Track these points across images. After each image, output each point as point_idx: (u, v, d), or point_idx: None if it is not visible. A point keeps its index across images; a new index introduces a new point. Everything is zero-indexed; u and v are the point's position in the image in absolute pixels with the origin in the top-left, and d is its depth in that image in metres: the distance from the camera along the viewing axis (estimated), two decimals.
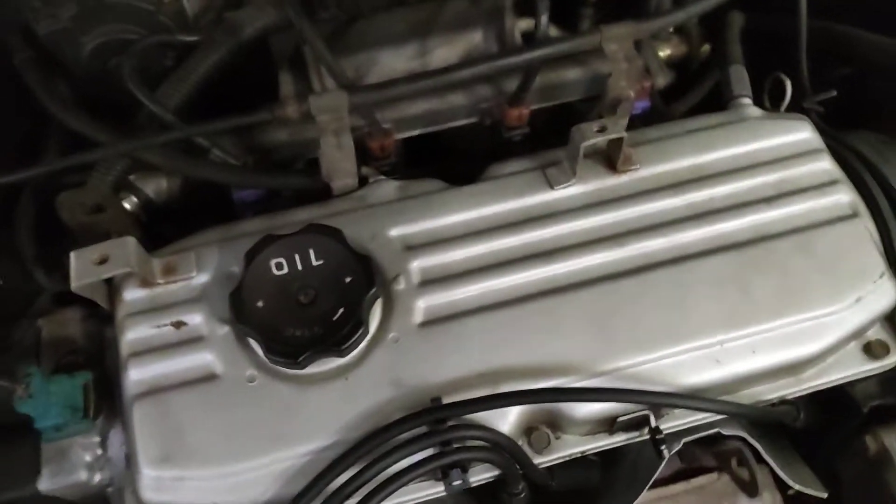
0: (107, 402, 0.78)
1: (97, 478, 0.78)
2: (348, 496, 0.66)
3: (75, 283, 0.70)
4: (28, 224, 0.86)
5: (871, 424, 0.83)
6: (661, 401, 0.72)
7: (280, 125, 0.93)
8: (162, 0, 0.91)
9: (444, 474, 0.70)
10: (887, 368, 0.81)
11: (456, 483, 0.69)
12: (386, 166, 0.92)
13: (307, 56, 0.94)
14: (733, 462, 0.80)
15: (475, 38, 1.01)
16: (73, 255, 0.71)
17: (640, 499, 0.77)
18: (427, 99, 0.95)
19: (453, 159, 1.03)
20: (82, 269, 0.70)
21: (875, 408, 0.81)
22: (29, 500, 0.78)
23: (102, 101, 0.94)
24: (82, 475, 0.77)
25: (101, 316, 0.81)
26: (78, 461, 0.77)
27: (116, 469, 0.78)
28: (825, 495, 0.81)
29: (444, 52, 1.00)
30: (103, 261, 0.70)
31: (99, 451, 0.78)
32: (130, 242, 0.72)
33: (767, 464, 0.81)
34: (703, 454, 0.86)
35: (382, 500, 0.66)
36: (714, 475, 0.84)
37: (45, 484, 0.76)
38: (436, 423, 0.69)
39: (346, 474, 0.67)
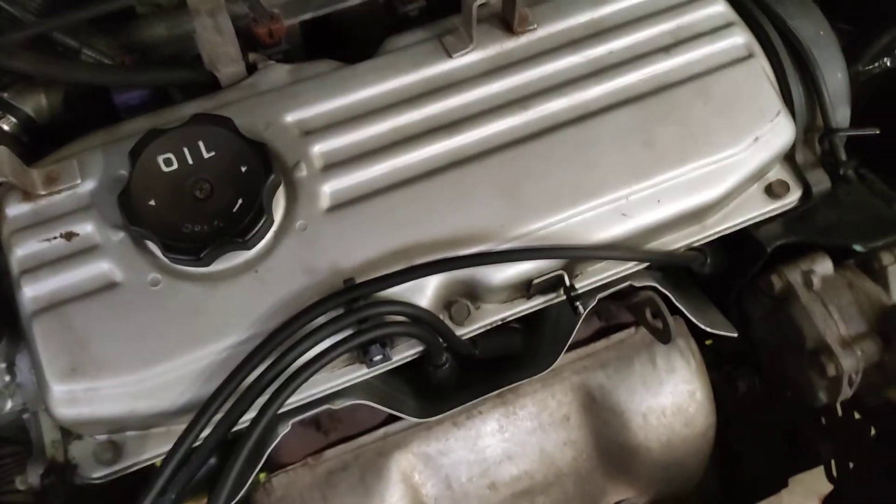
0: (7, 327, 0.74)
1: (8, 405, 0.75)
2: (266, 386, 0.65)
3: None
4: None
5: (775, 263, 0.86)
6: (574, 254, 0.73)
7: (157, 19, 0.87)
8: None
9: (364, 352, 0.70)
10: (789, 207, 0.84)
11: (377, 359, 0.69)
12: (278, 55, 0.86)
13: None
14: (647, 313, 0.82)
15: None
16: None
17: (562, 359, 0.79)
18: None
19: (351, 45, 0.98)
20: None
21: (779, 247, 0.84)
22: None
23: None
24: None
25: None
26: None
27: (28, 394, 0.75)
28: (735, 335, 0.85)
29: None
30: None
31: (7, 378, 0.75)
32: (2, 152, 0.67)
33: (681, 313, 0.84)
34: (620, 311, 0.88)
35: (299, 386, 0.65)
36: (632, 330, 0.87)
37: None
38: (351, 304, 0.68)
39: (263, 365, 0.66)
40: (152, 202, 0.68)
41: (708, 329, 0.83)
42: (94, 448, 0.71)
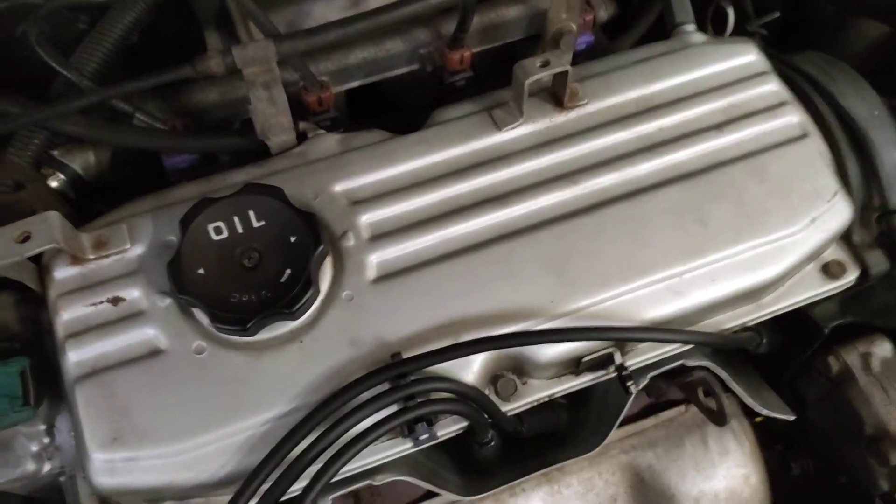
0: (49, 387, 0.73)
1: (46, 468, 0.74)
2: (311, 461, 0.64)
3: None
4: None
5: (832, 344, 0.83)
6: (625, 335, 0.71)
7: (209, 84, 0.88)
8: None
9: (409, 430, 0.68)
10: (845, 288, 0.81)
11: (423, 437, 0.67)
12: (326, 122, 0.87)
13: (232, 11, 0.89)
14: (700, 392, 0.79)
15: None
16: None
17: (615, 438, 0.77)
18: (364, 47, 0.90)
19: (397, 111, 0.99)
20: (3, 248, 0.65)
21: (835, 328, 0.82)
22: None
23: (13, 79, 0.87)
24: (29, 466, 0.73)
25: (35, 299, 0.76)
26: (23, 452, 0.73)
27: (67, 456, 0.74)
28: (793, 418, 0.81)
29: None
30: (25, 238, 0.65)
31: (46, 440, 0.74)
32: (53, 217, 0.67)
33: (734, 392, 0.82)
34: (670, 387, 0.85)
35: (347, 461, 0.63)
36: (682, 408, 0.84)
37: None
38: (398, 379, 0.66)
39: (309, 439, 0.64)
40: (201, 271, 0.67)
41: (764, 412, 0.80)
42: None
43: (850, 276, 0.80)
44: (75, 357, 0.68)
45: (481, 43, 0.93)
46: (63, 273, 0.71)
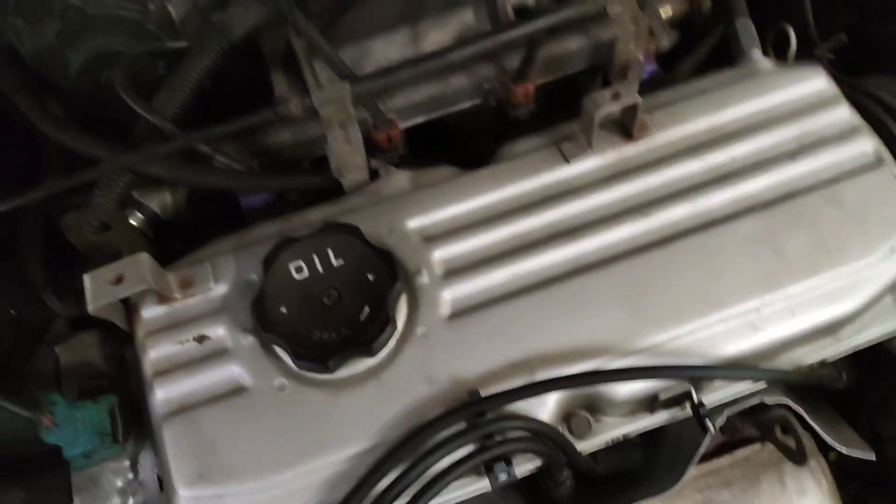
0: (134, 424, 0.76)
1: (130, 502, 0.77)
2: (392, 500, 0.64)
3: (92, 306, 0.68)
4: (35, 250, 0.84)
5: None
6: (701, 374, 0.70)
7: (283, 125, 0.90)
8: (147, 7, 0.88)
9: (488, 469, 0.68)
10: None
11: (501, 476, 0.67)
12: (394, 158, 0.89)
13: (298, 53, 0.91)
14: (777, 430, 0.78)
15: (467, 18, 0.98)
16: (86, 277, 0.69)
17: (690, 477, 0.75)
18: (429, 84, 0.92)
19: (461, 145, 1.00)
20: (98, 290, 0.68)
21: None
22: None
23: (97, 121, 0.92)
24: (115, 501, 0.76)
25: (120, 337, 0.79)
26: (110, 487, 0.76)
27: (150, 492, 0.77)
28: (873, 457, 0.79)
29: (438, 35, 0.97)
30: (119, 280, 0.69)
31: (130, 476, 0.77)
32: (144, 259, 0.70)
33: (810, 429, 0.80)
34: (744, 425, 0.84)
35: (428, 500, 0.64)
36: (757, 446, 0.83)
37: None
38: (475, 417, 0.67)
39: (389, 477, 0.65)
40: (283, 309, 0.69)
41: (843, 450, 0.78)
42: None
43: None
44: (163, 395, 0.71)
45: (543, 75, 0.93)
46: (150, 312, 0.74)
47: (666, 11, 0.97)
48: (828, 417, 0.82)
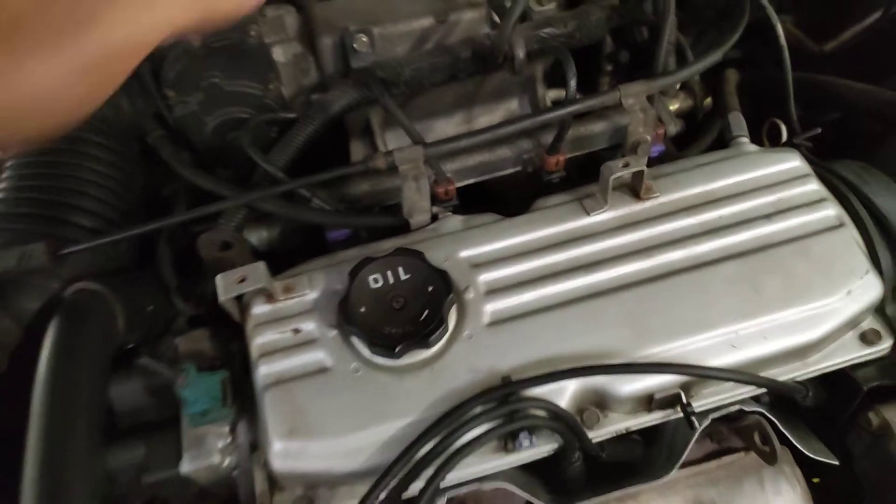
0: (235, 399, 0.96)
1: (227, 461, 0.95)
2: (433, 459, 0.83)
3: (222, 297, 0.90)
4: (168, 261, 1.08)
5: (873, 403, 0.97)
6: (694, 372, 0.87)
7: (363, 178, 1.15)
8: (267, 87, 1.15)
9: (513, 438, 0.86)
10: (881, 353, 0.96)
11: (524, 443, 0.85)
12: (450, 208, 1.12)
13: (375, 127, 1.17)
14: (756, 438, 0.94)
15: (512, 106, 1.24)
16: (219, 277, 0.91)
17: (678, 474, 0.92)
18: (480, 153, 1.16)
19: (504, 204, 1.23)
20: (227, 286, 0.90)
21: (875, 388, 0.96)
22: (174, 481, 0.95)
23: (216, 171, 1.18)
24: (216, 458, 0.94)
25: (226, 335, 1.01)
26: (212, 447, 0.94)
27: (243, 454, 0.95)
28: (836, 462, 0.94)
29: (486, 118, 1.23)
30: (242, 280, 0.91)
31: (229, 439, 0.96)
32: (261, 265, 0.92)
33: (789, 444, 0.96)
34: (732, 437, 1.00)
35: (462, 458, 0.82)
36: (742, 454, 0.98)
37: (185, 466, 0.93)
38: (506, 397, 0.86)
39: (432, 442, 0.84)
40: (363, 309, 0.90)
41: (810, 454, 0.93)
42: (294, 499, 0.89)
43: (885, 344, 0.95)
44: (265, 370, 0.91)
45: (572, 150, 1.16)
46: (259, 310, 0.96)
47: (674, 105, 1.21)
48: (801, 432, 0.98)
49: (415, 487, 0.85)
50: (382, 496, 0.83)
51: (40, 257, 0.92)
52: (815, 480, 1.09)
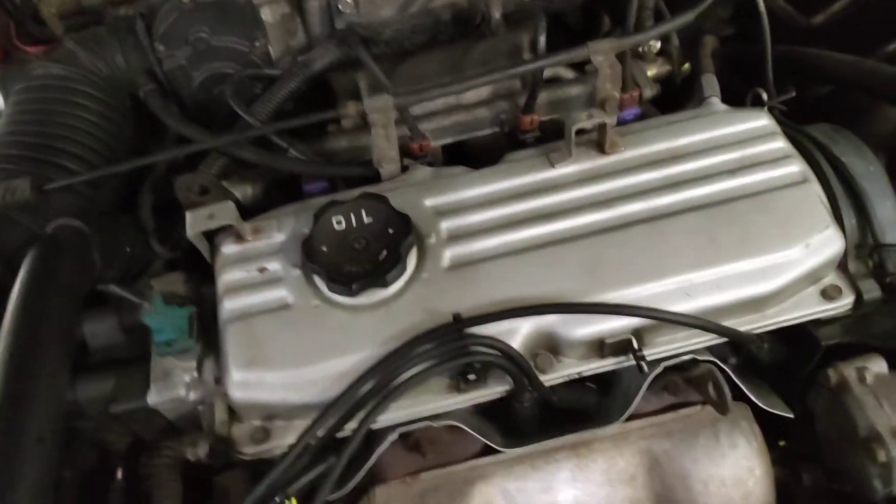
0: (203, 337, 0.99)
1: (192, 395, 0.97)
2: (384, 387, 0.85)
3: (190, 231, 0.94)
4: (148, 207, 1.12)
5: (833, 360, 0.97)
6: (646, 314, 0.88)
7: (341, 135, 1.18)
8: (254, 44, 1.19)
9: (464, 377, 0.88)
10: (842, 309, 0.96)
11: (471, 377, 0.87)
12: (424, 164, 1.14)
13: (361, 89, 1.20)
14: (710, 389, 0.94)
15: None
16: (189, 213, 0.95)
17: (632, 425, 0.94)
18: (458, 113, 1.19)
19: (479, 164, 1.25)
20: (195, 221, 0.94)
21: (835, 346, 0.96)
22: (141, 412, 0.99)
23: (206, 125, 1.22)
24: (181, 391, 0.96)
25: (199, 280, 1.05)
26: (179, 381, 0.97)
27: (208, 390, 0.98)
28: (791, 415, 0.95)
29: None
30: (211, 216, 0.94)
31: (195, 374, 0.98)
32: (230, 205, 0.96)
33: (749, 402, 0.96)
34: (689, 391, 1.00)
35: (403, 394, 0.85)
36: (699, 407, 0.99)
37: (152, 398, 0.96)
38: (457, 336, 0.88)
39: (378, 377, 0.86)
40: (324, 248, 0.93)
41: (764, 406, 0.93)
42: (251, 430, 0.92)
43: (846, 300, 0.95)
44: (229, 305, 0.94)
45: (549, 113, 1.18)
46: (228, 249, 0.99)
47: (652, 69, 1.22)
48: (759, 388, 0.98)
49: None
50: (328, 426, 0.85)
51: (24, 192, 0.96)
52: (781, 444, 1.09)
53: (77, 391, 0.98)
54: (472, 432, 0.92)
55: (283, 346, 0.91)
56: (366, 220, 0.95)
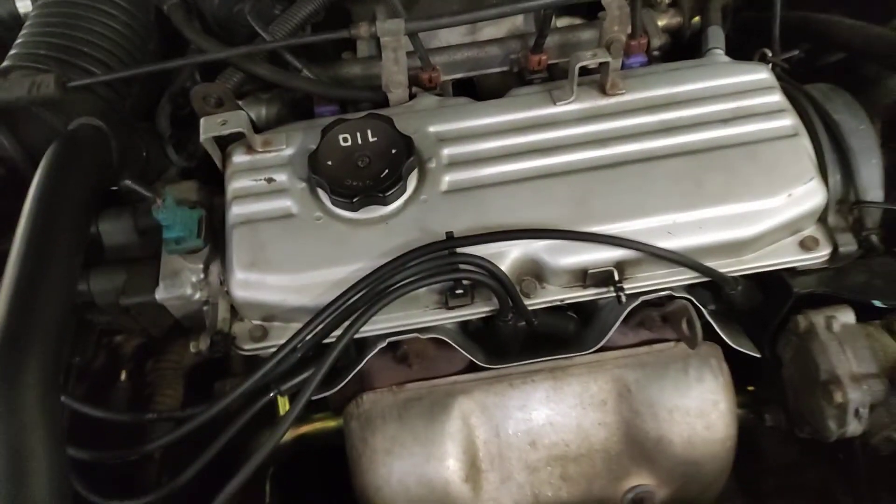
0: (211, 241, 1.05)
1: (198, 295, 1.04)
2: (373, 297, 0.91)
3: (203, 136, 0.98)
4: (166, 116, 1.17)
5: (804, 309, 1.01)
6: (629, 245, 0.92)
7: (354, 62, 1.22)
8: None
9: (452, 294, 0.94)
10: (819, 261, 1.00)
11: (458, 292, 0.92)
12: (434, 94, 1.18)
13: (378, 15, 1.23)
14: (684, 325, 0.99)
15: (517, 20, 1.28)
16: (203, 119, 1.00)
17: (607, 354, 1.00)
18: (470, 49, 1.22)
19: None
20: (208, 127, 0.99)
21: (808, 295, 1.00)
22: (149, 306, 1.05)
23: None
24: (188, 290, 1.03)
25: (211, 190, 1.10)
26: (186, 280, 1.03)
27: (213, 290, 1.04)
28: (758, 355, 1.00)
29: (491, 30, 1.28)
30: (224, 123, 0.99)
31: (202, 276, 1.05)
32: (242, 114, 1.00)
33: (722, 343, 1.02)
34: (665, 329, 1.05)
35: (395, 298, 0.90)
36: (672, 343, 1.04)
37: (160, 293, 1.03)
38: (448, 252, 0.93)
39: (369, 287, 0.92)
40: (329, 163, 0.98)
41: (733, 345, 0.99)
42: (250, 328, 0.99)
43: (823, 251, 0.99)
44: (237, 210, 1.00)
45: (559, 56, 1.21)
46: (238, 158, 1.04)
47: (662, 20, 1.24)
48: (731, 328, 1.04)
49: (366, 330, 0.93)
50: (319, 329, 0.91)
51: (49, 86, 1.01)
52: (750, 388, 1.15)
53: (90, 282, 1.05)
54: (456, 347, 0.98)
55: (285, 252, 0.96)
56: (371, 138, 1.00)
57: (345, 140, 1.00)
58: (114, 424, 0.98)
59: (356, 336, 0.93)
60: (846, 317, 1.00)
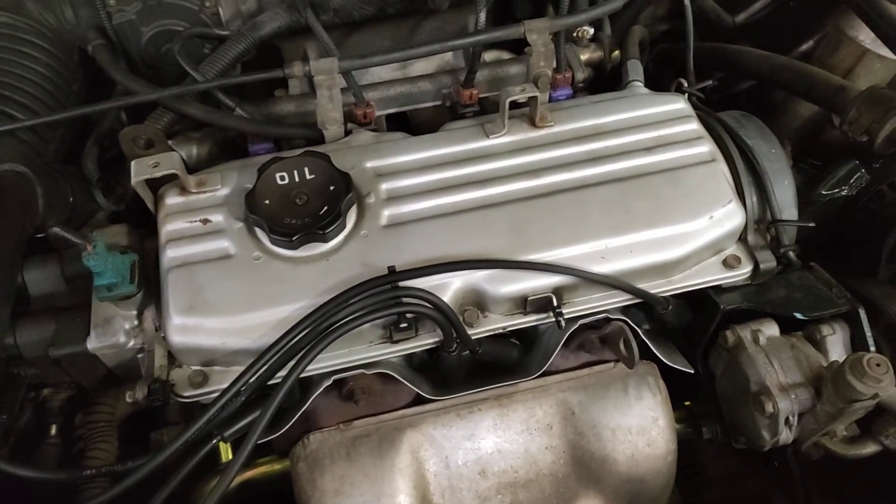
0: (144, 286, 1.02)
1: (132, 342, 1.01)
2: (318, 335, 0.90)
3: (134, 179, 0.96)
4: (93, 159, 1.14)
5: (731, 324, 1.07)
6: (566, 271, 0.95)
7: (288, 100, 1.22)
8: (204, 4, 1.22)
9: (396, 328, 0.94)
10: (741, 278, 1.06)
11: (402, 326, 0.93)
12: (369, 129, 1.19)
13: (309, 53, 1.24)
14: (621, 346, 1.03)
15: (447, 55, 1.32)
16: (133, 161, 0.98)
17: (551, 379, 1.02)
18: (402, 85, 1.24)
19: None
20: (140, 169, 0.97)
21: (734, 311, 1.06)
22: (80, 357, 1.01)
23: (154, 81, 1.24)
24: (122, 337, 1.00)
25: (140, 234, 1.08)
26: (119, 327, 1.00)
27: (147, 337, 1.02)
28: (692, 371, 1.04)
29: (422, 65, 1.31)
30: (156, 165, 0.97)
31: (136, 322, 1.02)
32: (175, 155, 0.99)
33: (658, 362, 1.06)
34: (604, 351, 1.09)
35: (339, 336, 0.90)
36: (611, 364, 1.08)
37: (92, 342, 1.00)
38: (393, 288, 0.93)
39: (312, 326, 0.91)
40: (267, 202, 0.97)
41: (668, 362, 1.03)
42: (189, 374, 0.96)
43: (745, 269, 1.05)
44: (171, 254, 0.98)
45: (489, 90, 1.25)
46: (172, 200, 1.02)
47: (585, 54, 1.30)
48: (664, 345, 1.08)
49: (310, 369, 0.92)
50: (262, 372, 0.90)
51: None
52: (687, 403, 1.20)
53: (17, 334, 1.00)
54: (402, 381, 0.99)
55: (223, 294, 0.95)
56: (308, 176, 1.00)
57: (282, 178, 1.00)
58: (45, 484, 0.93)
59: (300, 375, 0.92)
60: (771, 330, 1.05)
